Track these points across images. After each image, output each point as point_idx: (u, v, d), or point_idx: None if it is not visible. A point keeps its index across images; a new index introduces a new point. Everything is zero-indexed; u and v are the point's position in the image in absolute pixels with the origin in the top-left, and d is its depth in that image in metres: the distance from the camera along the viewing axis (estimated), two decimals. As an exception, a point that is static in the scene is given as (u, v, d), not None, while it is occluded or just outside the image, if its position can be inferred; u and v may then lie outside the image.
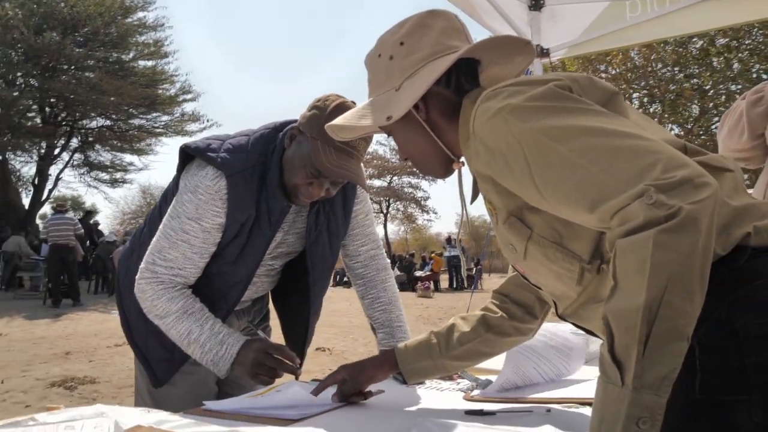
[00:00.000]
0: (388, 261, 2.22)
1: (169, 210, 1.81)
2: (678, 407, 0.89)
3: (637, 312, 0.80)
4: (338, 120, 1.37)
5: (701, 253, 0.80)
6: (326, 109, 1.71)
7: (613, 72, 17.28)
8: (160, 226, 1.81)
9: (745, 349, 0.88)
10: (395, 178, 36.74)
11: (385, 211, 38.62)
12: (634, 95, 18.05)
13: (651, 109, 17.76)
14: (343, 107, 1.69)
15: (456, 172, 1.32)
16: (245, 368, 1.72)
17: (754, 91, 2.07)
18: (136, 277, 1.79)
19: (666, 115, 17.06)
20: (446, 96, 1.25)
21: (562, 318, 1.23)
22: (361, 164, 1.79)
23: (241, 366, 1.73)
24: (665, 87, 16.83)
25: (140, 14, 23.13)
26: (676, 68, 16.52)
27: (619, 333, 0.83)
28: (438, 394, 1.62)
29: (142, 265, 1.79)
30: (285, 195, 1.80)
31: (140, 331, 1.97)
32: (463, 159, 1.26)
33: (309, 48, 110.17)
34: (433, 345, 1.55)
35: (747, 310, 0.90)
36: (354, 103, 1.73)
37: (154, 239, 1.80)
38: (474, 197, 1.27)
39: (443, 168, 1.30)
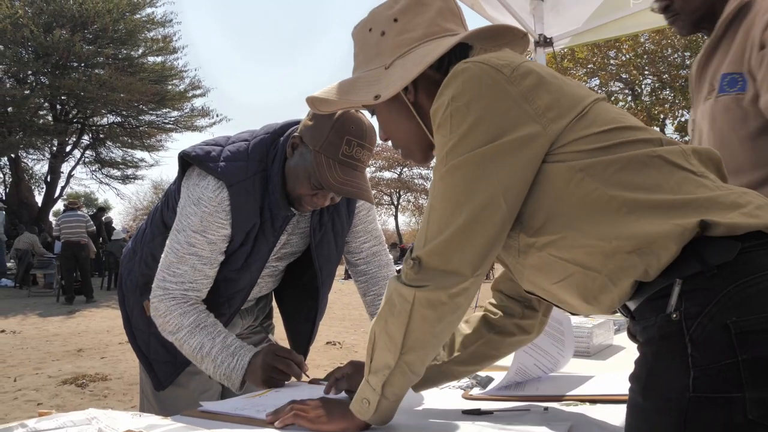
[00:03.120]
0: (391, 257, 2.20)
1: (174, 224, 1.79)
2: (673, 406, 0.88)
3: None
4: (320, 93, 1.30)
5: None
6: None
7: (624, 58, 17.18)
8: (167, 242, 1.79)
9: (737, 346, 0.86)
10: (405, 169, 36.74)
11: (395, 203, 38.66)
12: (645, 81, 17.93)
13: (662, 95, 17.65)
14: (346, 118, 1.67)
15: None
16: (257, 375, 1.70)
17: None
18: (150, 296, 1.79)
19: (677, 101, 16.96)
20: (435, 79, 1.21)
21: (529, 293, 1.20)
22: (366, 174, 1.77)
23: (252, 373, 1.71)
24: (676, 72, 16.72)
25: (148, 10, 23.24)
26: (686, 53, 16.40)
27: None
28: (437, 392, 1.60)
29: (154, 283, 1.78)
30: (288, 203, 1.79)
31: (142, 333, 1.97)
32: None
33: (315, 27, 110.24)
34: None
35: (738, 305, 0.88)
36: (359, 112, 1.71)
37: (163, 255, 1.79)
38: None
39: (423, 153, 1.28)
